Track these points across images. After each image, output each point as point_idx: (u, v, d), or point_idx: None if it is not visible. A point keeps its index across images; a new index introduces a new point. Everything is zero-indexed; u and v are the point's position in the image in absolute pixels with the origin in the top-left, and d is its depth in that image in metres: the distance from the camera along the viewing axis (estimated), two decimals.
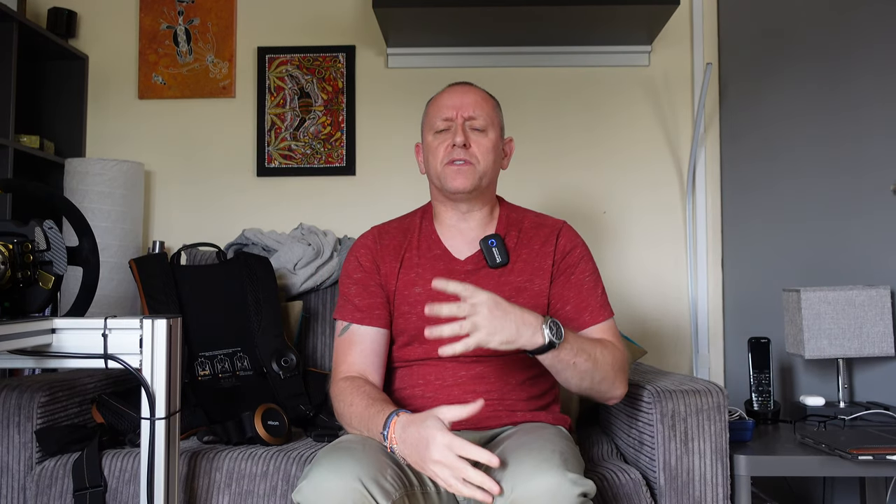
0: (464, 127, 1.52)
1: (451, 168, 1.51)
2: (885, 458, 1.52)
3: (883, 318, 1.88)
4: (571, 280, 1.52)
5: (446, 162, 1.51)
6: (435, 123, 1.54)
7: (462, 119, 1.52)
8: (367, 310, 1.53)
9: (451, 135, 1.52)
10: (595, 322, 1.50)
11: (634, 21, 2.34)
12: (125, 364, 1.29)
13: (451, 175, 1.51)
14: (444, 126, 1.53)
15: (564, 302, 1.51)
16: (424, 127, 1.59)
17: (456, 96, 1.55)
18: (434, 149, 1.54)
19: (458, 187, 1.51)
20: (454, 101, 1.54)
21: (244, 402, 1.82)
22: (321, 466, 1.22)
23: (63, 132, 2.57)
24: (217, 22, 2.62)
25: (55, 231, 1.37)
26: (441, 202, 1.59)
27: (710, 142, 2.57)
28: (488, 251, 1.53)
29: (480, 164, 1.52)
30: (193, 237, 2.50)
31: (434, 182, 1.56)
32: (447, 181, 1.51)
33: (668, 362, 2.52)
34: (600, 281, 1.56)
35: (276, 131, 2.59)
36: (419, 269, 1.55)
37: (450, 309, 1.24)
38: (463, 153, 1.50)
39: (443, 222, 1.59)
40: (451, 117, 1.53)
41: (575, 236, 1.58)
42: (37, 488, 1.54)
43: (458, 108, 1.53)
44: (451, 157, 1.51)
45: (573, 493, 1.15)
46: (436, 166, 1.53)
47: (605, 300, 1.54)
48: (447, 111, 1.53)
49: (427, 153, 1.57)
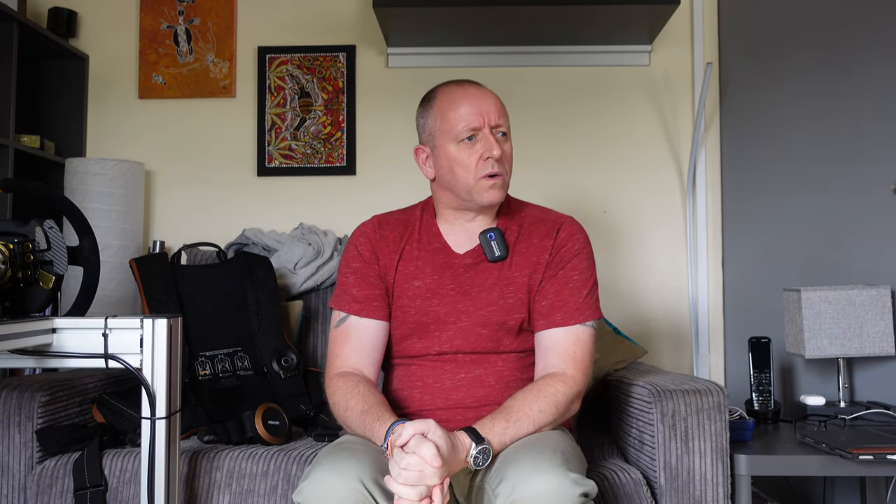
0: (495, 136, 1.45)
1: (487, 182, 1.44)
2: (886, 457, 1.52)
3: (883, 318, 1.88)
4: (557, 275, 1.47)
5: (481, 175, 1.43)
6: (458, 131, 1.44)
7: (489, 127, 1.44)
8: (365, 301, 1.49)
9: (485, 146, 1.43)
10: (566, 324, 1.43)
11: (635, 21, 2.34)
12: (125, 364, 1.29)
13: (485, 189, 1.44)
14: (471, 134, 1.44)
15: (543, 297, 1.46)
16: (439, 134, 1.47)
17: (476, 101, 1.45)
18: (464, 160, 1.44)
19: (492, 201, 1.46)
20: (478, 104, 1.45)
21: (244, 402, 1.82)
22: (322, 467, 1.21)
23: (63, 132, 2.56)
24: (217, 22, 2.62)
25: (55, 231, 1.37)
26: (451, 208, 1.52)
27: (711, 141, 2.57)
28: (487, 245, 1.49)
29: (508, 173, 1.48)
30: (194, 237, 2.50)
31: (459, 193, 1.48)
32: (480, 196, 1.45)
33: (668, 362, 2.52)
34: (590, 282, 1.49)
35: (277, 131, 2.59)
36: (419, 262, 1.52)
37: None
38: (499, 167, 1.44)
39: (445, 219, 1.55)
40: (478, 126, 1.44)
41: (576, 232, 1.52)
42: (37, 488, 1.54)
43: (484, 115, 1.44)
44: (486, 170, 1.43)
45: (574, 492, 1.15)
46: (466, 179, 1.44)
47: (591, 303, 1.47)
48: (473, 118, 1.44)
49: (450, 164, 1.46)
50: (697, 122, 2.48)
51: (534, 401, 1.34)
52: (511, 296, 1.47)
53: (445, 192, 1.52)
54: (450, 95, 1.48)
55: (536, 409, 1.33)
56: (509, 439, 1.30)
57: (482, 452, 1.24)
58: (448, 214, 1.54)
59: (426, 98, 1.54)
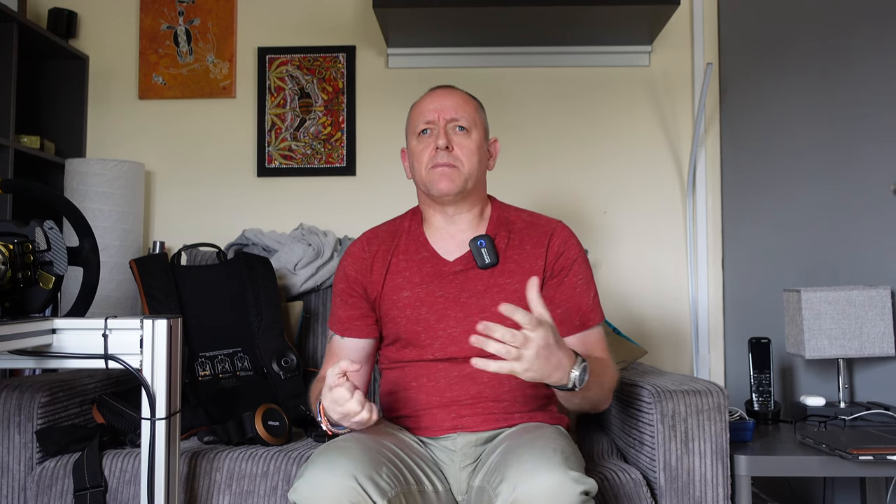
0: (446, 129, 1.51)
1: (435, 171, 1.49)
2: (886, 458, 1.52)
3: (883, 319, 1.88)
4: (564, 283, 1.51)
5: (430, 165, 1.50)
6: (417, 127, 1.54)
7: (444, 121, 1.51)
8: (348, 321, 1.56)
9: (434, 137, 1.51)
10: (585, 327, 1.50)
11: (634, 21, 2.34)
12: (125, 364, 1.29)
13: (435, 178, 1.49)
14: (426, 128, 1.52)
15: (555, 305, 1.49)
16: (408, 131, 1.58)
17: (437, 99, 1.54)
18: (418, 153, 1.53)
19: (443, 190, 1.49)
20: (435, 103, 1.53)
21: (244, 403, 1.82)
22: (316, 465, 1.22)
23: (63, 132, 2.56)
24: (217, 22, 2.62)
25: (55, 231, 1.37)
26: (428, 206, 1.58)
27: (711, 142, 2.57)
28: (477, 252, 1.51)
29: (465, 166, 1.50)
30: (194, 237, 2.50)
31: (420, 186, 1.55)
32: (432, 185, 1.50)
33: (668, 362, 2.52)
34: (593, 284, 1.54)
35: (277, 131, 2.59)
36: (406, 273, 1.54)
37: (507, 331, 1.18)
38: (446, 156, 1.49)
39: (432, 225, 1.58)
40: (432, 120, 1.52)
41: (568, 237, 1.55)
42: (37, 488, 1.54)
43: (440, 111, 1.52)
44: (434, 160, 1.50)
45: (575, 491, 1.15)
46: (420, 171, 1.52)
47: (597, 304, 1.53)
48: (428, 114, 1.52)
49: (411, 157, 1.56)
50: (697, 123, 2.48)
51: (608, 368, 1.45)
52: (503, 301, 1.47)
53: (418, 189, 1.59)
54: (421, 98, 1.59)
55: (609, 377, 1.43)
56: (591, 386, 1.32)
57: (583, 370, 1.27)
58: (431, 217, 1.58)
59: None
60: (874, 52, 1.98)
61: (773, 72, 2.34)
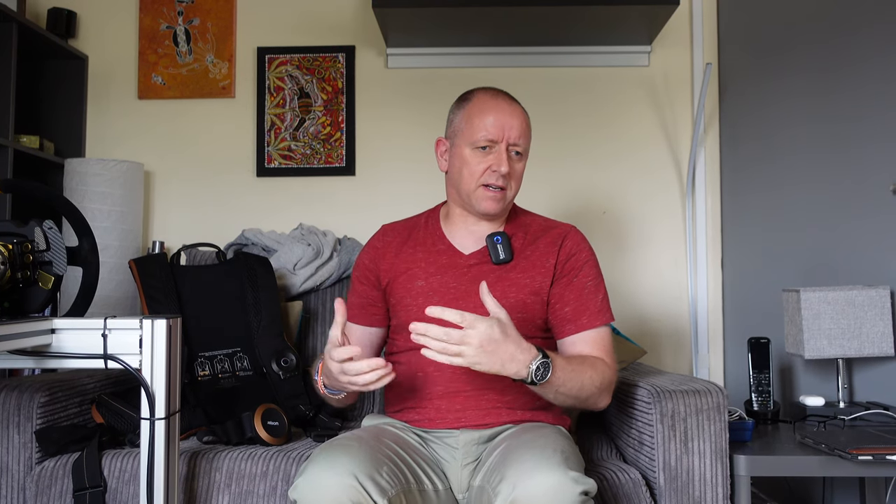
0: (508, 153, 1.51)
1: (485, 192, 1.51)
2: (885, 458, 1.52)
3: (883, 318, 1.87)
4: (574, 283, 1.53)
5: (482, 184, 1.50)
6: (477, 138, 1.50)
7: (506, 144, 1.50)
8: (357, 308, 1.62)
9: (495, 159, 1.49)
10: (592, 326, 1.51)
11: (634, 21, 2.34)
12: (125, 364, 1.29)
13: (482, 198, 1.51)
14: (487, 145, 1.50)
15: (564, 303, 1.52)
16: (460, 134, 1.53)
17: (503, 116, 1.50)
18: (472, 165, 1.50)
19: (487, 210, 1.52)
20: (502, 120, 1.50)
21: (244, 403, 1.82)
22: (316, 463, 1.23)
23: (63, 132, 2.56)
24: (217, 22, 2.61)
25: (55, 231, 1.37)
26: (459, 205, 1.59)
27: (710, 142, 2.57)
28: (493, 247, 1.54)
29: (513, 189, 1.54)
30: (193, 237, 2.50)
31: (461, 193, 1.55)
32: (478, 202, 1.52)
33: (667, 362, 2.52)
34: (602, 286, 1.56)
35: (276, 131, 2.59)
36: (423, 264, 1.57)
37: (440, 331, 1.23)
38: (502, 180, 1.50)
39: (454, 222, 1.60)
40: (496, 139, 1.49)
41: (581, 241, 1.59)
42: (37, 488, 1.54)
43: (505, 130, 1.49)
44: (488, 180, 1.49)
45: (575, 491, 1.15)
46: (469, 183, 1.51)
47: (606, 305, 1.55)
48: (493, 131, 1.49)
49: (461, 164, 1.52)
50: (697, 123, 2.48)
51: (590, 367, 1.41)
52: (513, 296, 1.51)
53: (452, 189, 1.60)
54: (481, 103, 1.53)
55: (589, 375, 1.39)
56: (562, 381, 1.32)
57: (543, 365, 1.28)
58: (455, 215, 1.60)
59: (462, 97, 1.59)
60: (874, 52, 1.98)
61: (773, 72, 2.34)
